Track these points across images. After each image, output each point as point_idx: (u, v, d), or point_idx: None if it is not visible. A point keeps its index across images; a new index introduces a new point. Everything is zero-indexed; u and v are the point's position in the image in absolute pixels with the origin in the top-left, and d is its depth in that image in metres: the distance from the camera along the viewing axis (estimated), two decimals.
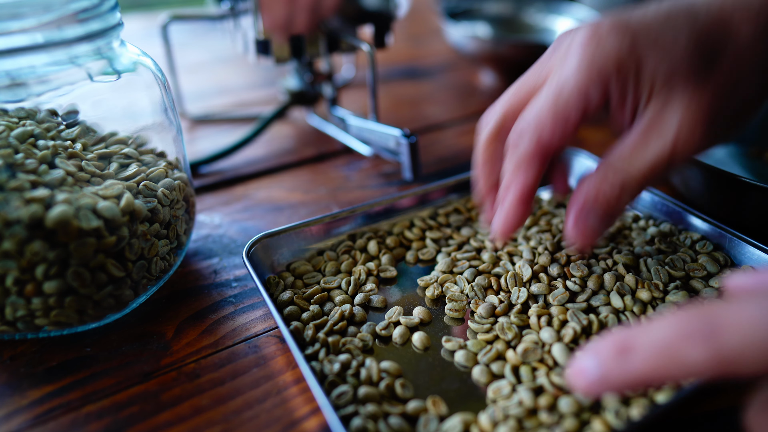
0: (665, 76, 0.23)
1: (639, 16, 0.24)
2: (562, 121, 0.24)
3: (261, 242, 0.32)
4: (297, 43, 0.46)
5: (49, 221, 0.24)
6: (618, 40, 0.24)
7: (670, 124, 0.23)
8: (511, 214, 0.26)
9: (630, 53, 0.24)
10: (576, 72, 0.24)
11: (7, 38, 0.24)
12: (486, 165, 0.29)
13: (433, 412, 0.24)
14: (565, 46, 0.25)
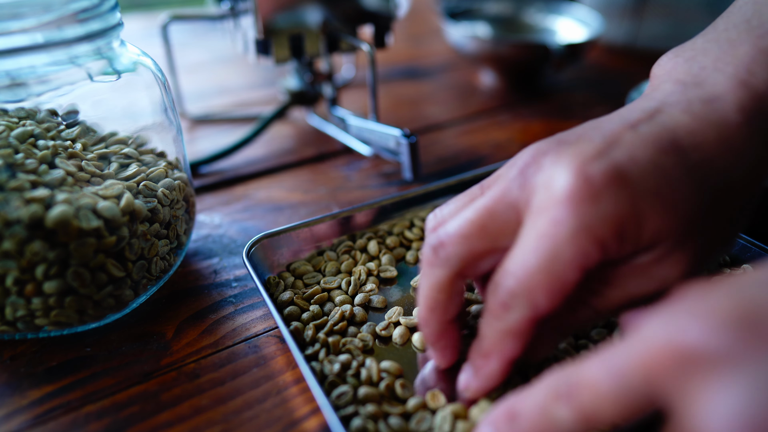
0: (667, 230, 0.21)
1: (628, 156, 0.21)
2: (559, 290, 0.21)
3: (261, 242, 0.32)
4: (297, 43, 0.46)
5: (49, 221, 0.24)
6: (617, 198, 0.20)
7: (662, 273, 0.22)
8: (491, 382, 0.23)
9: (631, 215, 0.20)
10: (571, 238, 0.20)
11: (7, 38, 0.24)
12: (438, 311, 0.24)
13: (431, 405, 0.24)
14: (543, 186, 0.21)
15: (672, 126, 0.22)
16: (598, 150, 0.21)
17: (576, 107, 0.59)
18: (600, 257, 0.21)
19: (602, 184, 0.20)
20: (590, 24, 0.66)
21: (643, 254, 0.21)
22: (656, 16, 0.71)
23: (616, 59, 0.72)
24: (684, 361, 0.15)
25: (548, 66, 0.58)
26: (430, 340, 0.25)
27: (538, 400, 0.17)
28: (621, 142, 0.21)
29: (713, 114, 0.22)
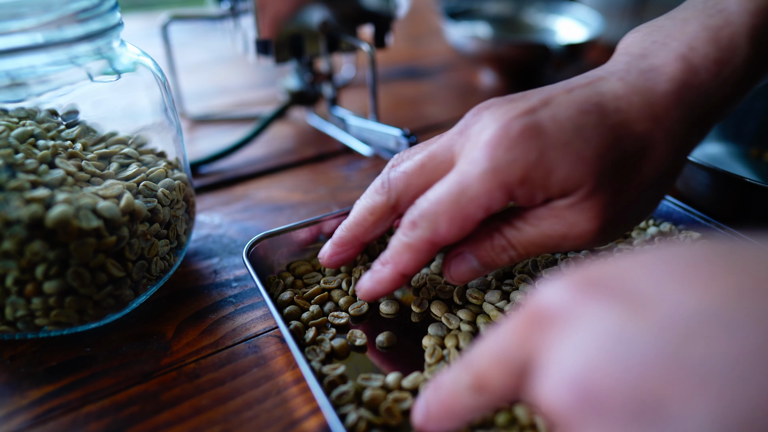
0: (576, 181, 0.23)
1: (551, 114, 0.23)
2: (460, 221, 0.24)
3: (261, 242, 0.32)
4: (297, 43, 0.46)
5: (49, 221, 0.24)
6: (527, 149, 0.23)
7: (572, 219, 0.24)
8: (380, 287, 0.27)
9: (538, 164, 0.23)
10: (480, 177, 0.23)
11: (7, 38, 0.24)
12: (360, 227, 0.28)
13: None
14: (476, 133, 0.24)
15: (603, 91, 0.24)
16: (529, 108, 0.24)
17: None
18: (506, 200, 0.23)
19: (517, 135, 0.23)
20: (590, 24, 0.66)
21: (557, 200, 0.24)
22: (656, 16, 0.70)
23: None
24: (538, 320, 0.16)
25: (548, 66, 0.58)
26: (334, 240, 0.29)
27: (454, 370, 0.19)
28: (552, 102, 0.24)
29: (645, 83, 0.24)
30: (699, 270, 0.13)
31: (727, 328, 0.12)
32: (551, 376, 0.15)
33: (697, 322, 0.12)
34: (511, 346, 0.17)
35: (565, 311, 0.15)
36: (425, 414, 0.20)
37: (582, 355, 0.14)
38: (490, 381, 0.17)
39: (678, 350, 0.12)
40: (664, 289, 0.13)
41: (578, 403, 0.14)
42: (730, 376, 0.11)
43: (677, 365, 0.12)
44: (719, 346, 0.12)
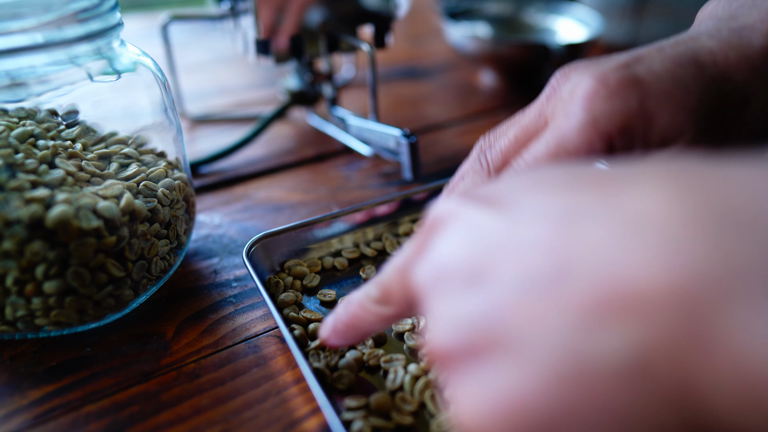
0: (678, 128, 0.23)
1: (646, 67, 0.23)
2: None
3: (261, 242, 0.32)
4: (297, 43, 0.46)
5: (49, 221, 0.24)
6: (627, 98, 0.23)
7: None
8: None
9: (640, 113, 0.23)
10: (579, 130, 0.23)
11: (7, 38, 0.24)
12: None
13: (431, 407, 0.24)
14: (567, 93, 0.24)
15: (696, 47, 0.24)
16: (622, 63, 0.23)
17: None
18: (604, 151, 0.23)
19: (616, 86, 0.23)
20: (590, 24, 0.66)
21: (658, 150, 0.23)
22: (656, 16, 0.71)
23: None
24: (431, 227, 0.18)
25: (548, 66, 0.58)
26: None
27: (364, 286, 0.21)
28: (645, 59, 0.24)
29: (739, 39, 0.24)
30: (551, 184, 0.16)
31: (537, 217, 0.15)
32: (422, 262, 0.18)
33: (526, 214, 0.15)
34: (409, 255, 0.19)
35: (449, 214, 0.18)
36: (332, 327, 0.22)
37: (445, 242, 0.17)
38: (393, 292, 0.20)
39: (507, 231, 0.15)
40: (522, 195, 0.16)
41: (431, 279, 0.17)
42: (530, 248, 0.14)
43: (504, 241, 0.15)
44: (530, 229, 0.15)
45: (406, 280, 0.19)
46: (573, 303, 0.13)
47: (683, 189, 0.13)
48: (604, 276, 0.13)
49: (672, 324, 0.12)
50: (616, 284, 0.12)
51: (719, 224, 0.12)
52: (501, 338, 0.14)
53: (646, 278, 0.12)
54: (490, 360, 0.14)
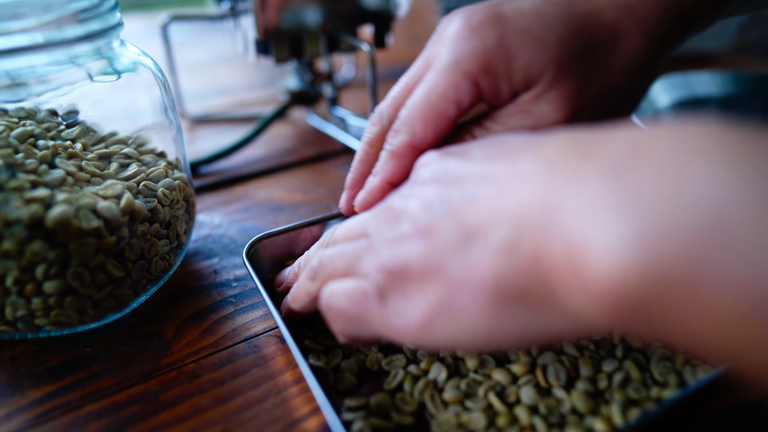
0: (538, 68, 0.23)
1: (514, 5, 0.24)
2: (434, 119, 0.24)
3: (261, 242, 0.32)
4: (297, 43, 0.46)
5: (49, 221, 0.24)
6: (486, 35, 0.23)
7: (540, 111, 0.24)
8: (371, 196, 0.28)
9: (498, 50, 0.23)
10: (444, 72, 0.24)
11: (7, 38, 0.24)
12: (365, 162, 0.29)
13: (431, 408, 0.24)
14: (440, 37, 0.25)
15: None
16: (493, 3, 0.24)
17: None
18: (473, 92, 0.24)
19: (477, 25, 0.23)
20: None
21: (523, 93, 0.24)
22: None
23: None
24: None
25: None
26: (346, 184, 0.30)
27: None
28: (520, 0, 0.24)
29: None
30: (504, 146, 0.20)
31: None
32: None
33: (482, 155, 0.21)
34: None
35: (425, 161, 0.23)
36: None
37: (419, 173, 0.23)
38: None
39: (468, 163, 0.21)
40: (480, 150, 0.21)
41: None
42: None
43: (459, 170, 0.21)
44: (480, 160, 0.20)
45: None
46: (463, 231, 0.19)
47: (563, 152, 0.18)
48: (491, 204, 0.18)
49: (530, 222, 0.17)
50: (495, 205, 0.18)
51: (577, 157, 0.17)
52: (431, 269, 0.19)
53: (521, 197, 0.18)
54: (422, 284, 0.19)
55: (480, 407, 0.23)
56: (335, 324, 0.22)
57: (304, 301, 0.25)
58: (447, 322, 0.18)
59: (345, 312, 0.21)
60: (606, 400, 0.24)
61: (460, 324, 0.18)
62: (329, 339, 0.28)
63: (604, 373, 0.25)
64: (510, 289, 0.17)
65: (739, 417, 0.24)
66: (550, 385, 0.24)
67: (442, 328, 0.18)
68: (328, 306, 0.22)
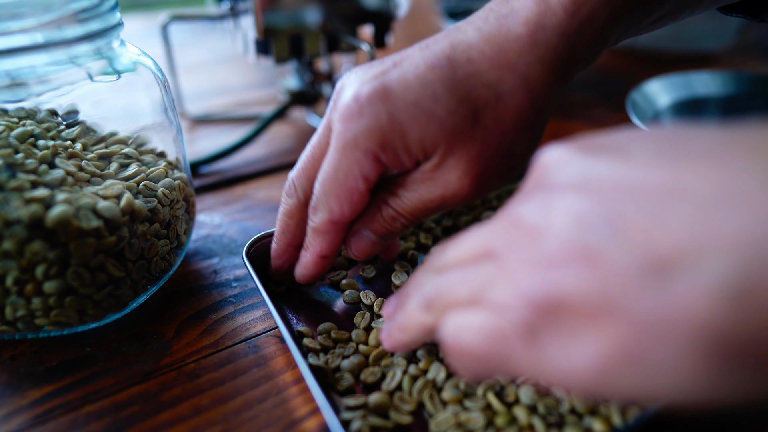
0: (432, 140, 0.23)
1: (399, 75, 0.24)
2: (346, 196, 0.25)
3: (261, 242, 0.32)
4: (297, 43, 0.46)
5: (49, 221, 0.24)
6: (376, 113, 0.23)
7: (444, 179, 0.24)
8: (307, 270, 0.28)
9: (391, 126, 0.23)
10: (344, 150, 0.24)
11: (7, 38, 0.24)
12: (286, 233, 0.29)
13: (430, 407, 0.24)
14: (338, 110, 0.24)
15: (456, 42, 0.24)
16: (381, 71, 0.24)
17: (576, 107, 0.59)
18: (377, 166, 0.24)
19: (365, 102, 0.23)
20: None
21: (425, 163, 0.24)
22: None
23: (616, 59, 0.72)
24: (539, 176, 0.19)
25: None
26: (272, 254, 0.30)
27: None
28: (404, 62, 0.24)
29: (499, 29, 0.24)
30: (668, 143, 0.16)
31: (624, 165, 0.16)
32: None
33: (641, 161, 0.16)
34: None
35: (557, 158, 0.18)
36: None
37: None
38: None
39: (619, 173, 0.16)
40: (641, 146, 0.16)
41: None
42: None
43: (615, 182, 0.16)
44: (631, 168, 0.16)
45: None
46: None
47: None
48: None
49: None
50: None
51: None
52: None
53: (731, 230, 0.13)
54: (589, 322, 0.15)
55: (479, 407, 0.23)
56: (462, 364, 0.19)
57: (415, 334, 0.21)
58: (636, 371, 0.15)
59: (477, 353, 0.17)
60: (605, 400, 0.24)
61: (659, 376, 0.14)
62: (329, 339, 0.28)
63: None
64: (743, 345, 0.13)
65: (739, 416, 0.24)
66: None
67: (629, 377, 0.15)
68: (455, 345, 0.18)
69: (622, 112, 0.45)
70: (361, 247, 0.27)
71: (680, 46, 0.70)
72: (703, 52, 0.72)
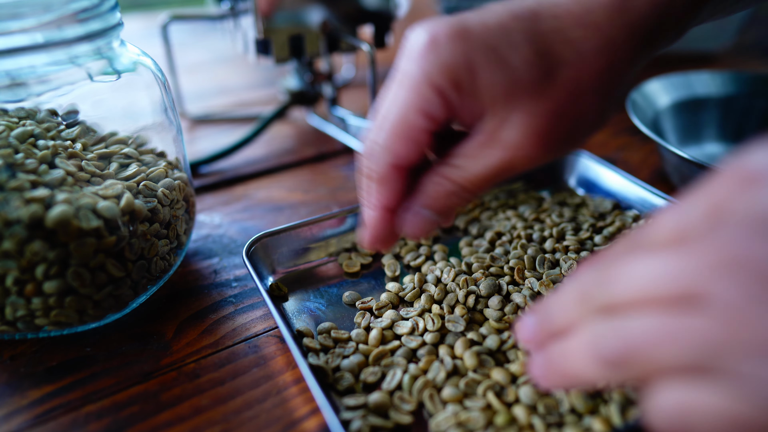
0: (503, 88, 0.22)
1: (480, 19, 0.23)
2: (410, 140, 0.24)
3: (261, 242, 0.32)
4: (297, 43, 0.46)
5: (49, 221, 0.24)
6: (452, 50, 0.22)
7: (509, 138, 0.23)
8: (374, 231, 0.26)
9: (465, 65, 0.22)
10: (413, 89, 0.23)
11: (7, 38, 0.24)
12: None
13: (430, 407, 0.24)
14: (407, 52, 0.24)
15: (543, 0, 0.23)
16: (460, 17, 0.23)
17: None
18: (444, 106, 0.23)
19: (443, 38, 0.22)
20: None
21: (488, 119, 0.23)
22: None
23: None
24: (744, 179, 0.15)
25: None
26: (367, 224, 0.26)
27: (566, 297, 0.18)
28: (485, 11, 0.23)
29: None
30: None
31: None
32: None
33: None
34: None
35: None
36: None
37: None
38: None
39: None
40: None
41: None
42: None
43: None
44: None
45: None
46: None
47: None
48: None
49: None
50: None
51: None
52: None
53: None
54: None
55: (479, 406, 0.23)
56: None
57: (584, 384, 0.17)
58: None
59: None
60: (605, 400, 0.24)
61: None
62: (329, 339, 0.28)
63: None
64: None
65: None
66: None
67: None
68: (682, 427, 0.14)
69: (622, 112, 0.45)
70: (417, 226, 0.26)
71: (680, 46, 0.70)
72: (703, 52, 0.72)
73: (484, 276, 0.31)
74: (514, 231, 0.35)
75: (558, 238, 0.34)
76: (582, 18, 0.23)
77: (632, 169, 0.45)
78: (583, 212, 0.37)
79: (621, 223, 0.35)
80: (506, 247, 0.34)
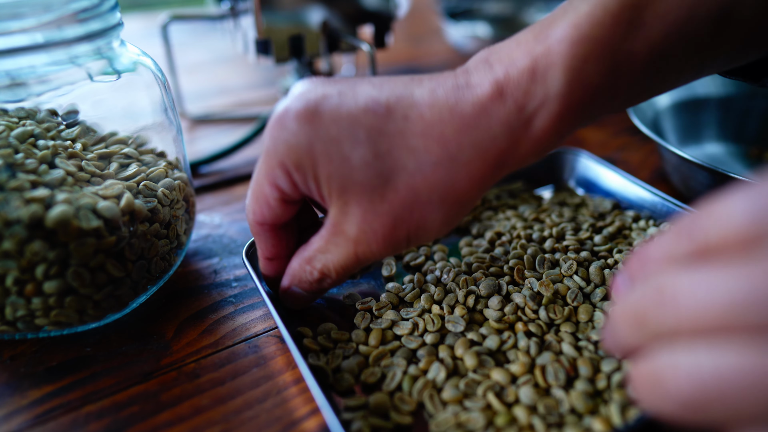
0: (339, 183, 0.22)
1: (337, 103, 0.23)
2: (264, 204, 0.25)
3: None
4: (297, 43, 0.46)
5: (49, 221, 0.24)
6: (297, 133, 0.22)
7: (349, 233, 0.24)
8: (265, 271, 0.29)
9: (307, 152, 0.22)
10: (265, 160, 0.24)
11: (7, 38, 0.24)
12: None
13: (430, 407, 0.24)
14: (270, 120, 0.24)
15: (405, 95, 0.23)
16: (323, 94, 0.23)
17: None
18: (287, 180, 0.23)
19: (292, 119, 0.23)
20: None
21: (332, 208, 0.24)
22: None
23: None
24: None
25: None
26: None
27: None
28: (352, 91, 0.23)
29: (447, 98, 0.23)
30: None
31: None
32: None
33: None
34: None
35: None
36: None
37: None
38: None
39: None
40: None
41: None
42: None
43: None
44: None
45: None
46: None
47: None
48: None
49: None
50: None
51: None
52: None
53: None
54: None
55: (479, 407, 0.23)
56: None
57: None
58: None
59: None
60: (605, 400, 0.24)
61: None
62: (328, 339, 0.28)
63: (603, 373, 0.25)
64: None
65: None
66: (549, 385, 0.24)
67: None
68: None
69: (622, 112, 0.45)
70: (293, 303, 0.28)
71: None
72: None
73: (484, 276, 0.31)
74: (514, 231, 0.35)
75: (558, 238, 0.34)
76: (430, 127, 0.22)
77: (632, 169, 0.45)
78: (582, 212, 0.37)
79: (621, 223, 0.35)
80: (506, 247, 0.34)
